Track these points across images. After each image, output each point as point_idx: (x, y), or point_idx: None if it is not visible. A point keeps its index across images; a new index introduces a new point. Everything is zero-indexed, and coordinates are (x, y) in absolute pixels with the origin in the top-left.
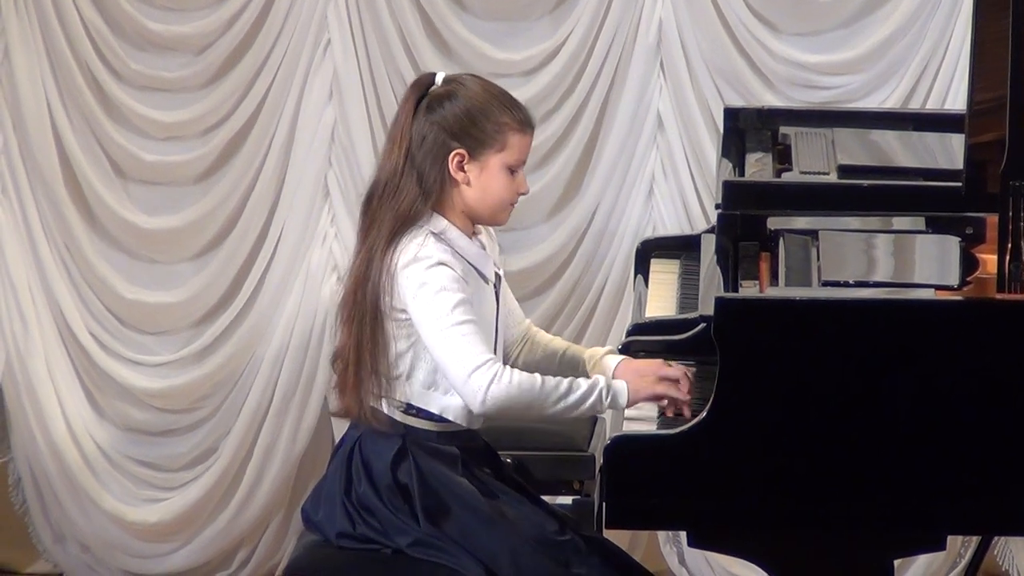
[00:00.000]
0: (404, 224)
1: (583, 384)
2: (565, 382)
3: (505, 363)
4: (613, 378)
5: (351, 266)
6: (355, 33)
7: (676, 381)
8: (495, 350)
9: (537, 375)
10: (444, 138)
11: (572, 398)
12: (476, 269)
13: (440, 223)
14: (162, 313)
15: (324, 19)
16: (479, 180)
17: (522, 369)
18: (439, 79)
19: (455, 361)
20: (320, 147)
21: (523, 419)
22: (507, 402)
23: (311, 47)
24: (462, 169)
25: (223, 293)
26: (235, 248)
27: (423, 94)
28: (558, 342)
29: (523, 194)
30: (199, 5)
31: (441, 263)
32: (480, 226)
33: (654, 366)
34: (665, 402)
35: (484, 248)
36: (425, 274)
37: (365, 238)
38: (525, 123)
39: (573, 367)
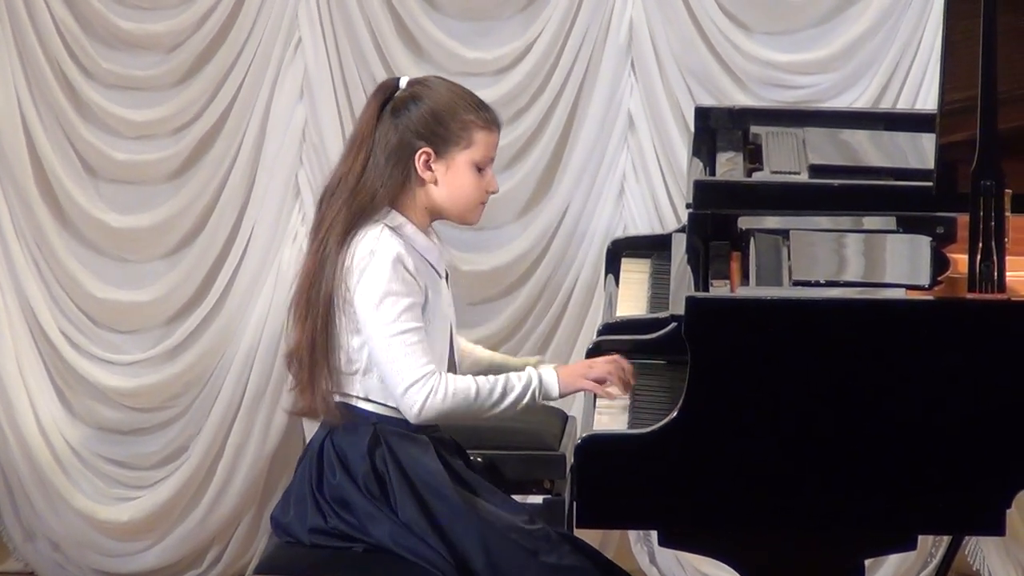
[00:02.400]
0: (359, 219)
1: (517, 385)
2: (499, 386)
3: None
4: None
5: (303, 263)
6: (326, 32)
7: (604, 381)
8: (451, 342)
9: (472, 383)
10: (410, 138)
11: (507, 400)
12: (430, 263)
13: (396, 218)
14: (133, 312)
15: (295, 18)
16: (446, 178)
17: None
18: (403, 83)
19: (394, 373)
20: (291, 146)
21: (466, 420)
22: (443, 414)
23: (282, 46)
24: (429, 168)
25: (194, 292)
26: (206, 247)
27: (387, 99)
28: (481, 351)
29: (492, 192)
30: (170, 4)
31: (396, 259)
32: (431, 227)
33: (584, 363)
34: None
35: (437, 243)
36: (376, 273)
37: (316, 235)
38: (491, 121)
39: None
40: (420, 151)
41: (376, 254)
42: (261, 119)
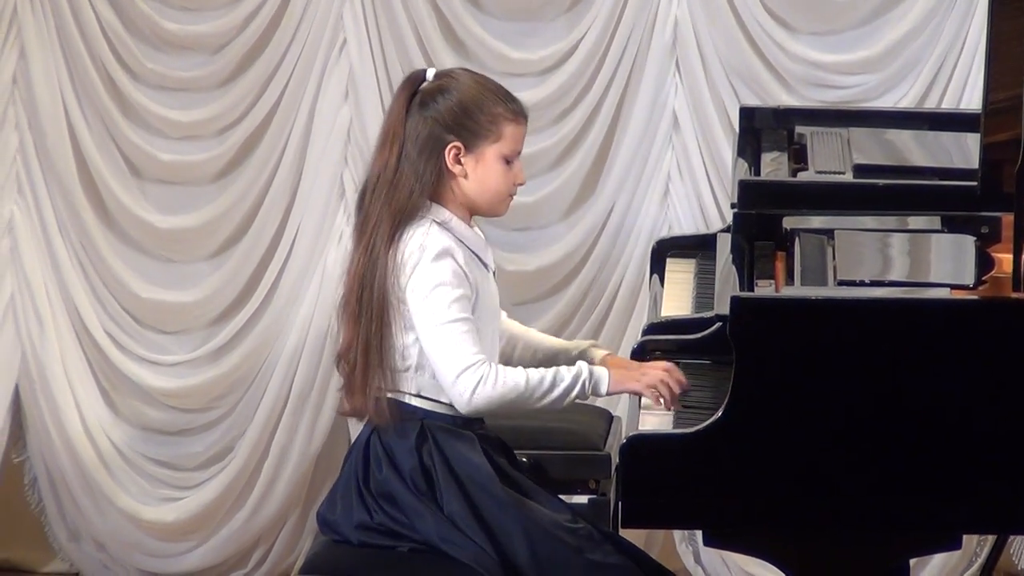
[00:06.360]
0: (404, 217)
1: (567, 377)
2: (549, 377)
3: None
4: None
5: (351, 263)
6: (371, 33)
7: (658, 384)
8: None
9: (522, 373)
10: (439, 132)
11: (557, 392)
12: (478, 256)
13: (442, 213)
14: (178, 312)
15: (340, 19)
16: (476, 172)
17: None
18: (430, 75)
19: (444, 361)
20: (336, 146)
21: (512, 414)
22: (494, 403)
23: (327, 47)
24: (459, 162)
25: (239, 292)
26: (251, 247)
27: (415, 90)
28: (535, 335)
29: (520, 184)
30: (215, 5)
31: (446, 252)
32: (474, 219)
33: (639, 368)
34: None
35: (482, 235)
36: (428, 266)
37: (361, 235)
38: (519, 113)
39: (551, 362)
40: (450, 145)
41: (426, 248)
42: (306, 120)
